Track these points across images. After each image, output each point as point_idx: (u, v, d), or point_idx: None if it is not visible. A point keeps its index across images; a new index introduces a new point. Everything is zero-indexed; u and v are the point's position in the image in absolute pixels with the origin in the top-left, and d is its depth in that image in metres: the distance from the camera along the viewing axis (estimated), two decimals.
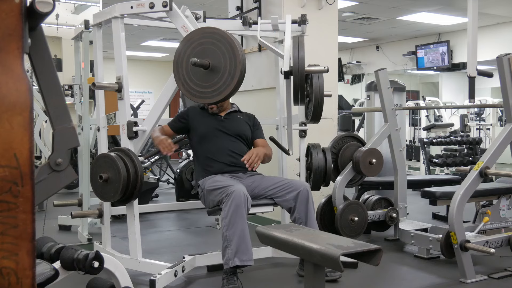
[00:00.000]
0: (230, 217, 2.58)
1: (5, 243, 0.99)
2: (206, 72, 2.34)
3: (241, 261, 2.59)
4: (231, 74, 2.28)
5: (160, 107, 2.74)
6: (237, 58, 2.27)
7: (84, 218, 3.82)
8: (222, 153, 2.98)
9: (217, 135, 3.01)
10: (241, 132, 3.08)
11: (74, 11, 8.21)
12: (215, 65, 2.31)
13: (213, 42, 2.33)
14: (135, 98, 12.76)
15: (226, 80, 2.30)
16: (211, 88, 2.34)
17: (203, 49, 2.34)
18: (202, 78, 2.36)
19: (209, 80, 2.34)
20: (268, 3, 4.43)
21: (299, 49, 2.50)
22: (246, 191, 2.67)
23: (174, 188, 5.73)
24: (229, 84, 2.29)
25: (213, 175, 2.92)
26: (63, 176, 1.27)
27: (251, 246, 2.65)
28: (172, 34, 10.09)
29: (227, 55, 2.29)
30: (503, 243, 3.06)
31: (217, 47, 2.31)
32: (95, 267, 1.71)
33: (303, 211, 2.81)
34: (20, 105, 1.00)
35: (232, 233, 2.58)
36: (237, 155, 2.99)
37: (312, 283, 1.75)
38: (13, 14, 1.00)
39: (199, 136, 3.04)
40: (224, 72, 2.30)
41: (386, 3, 7.97)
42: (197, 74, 2.36)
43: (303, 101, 2.64)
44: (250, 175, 3.01)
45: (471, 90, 5.01)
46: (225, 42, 2.31)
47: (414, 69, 11.29)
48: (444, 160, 6.10)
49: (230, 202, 2.59)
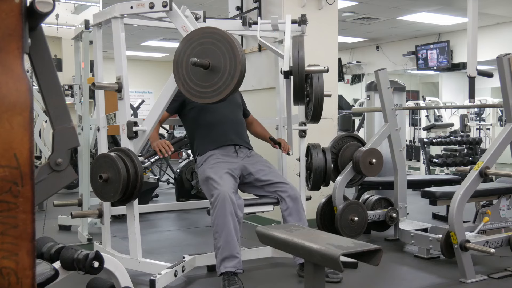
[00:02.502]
0: (216, 226, 2.66)
1: (5, 243, 0.99)
2: (206, 72, 2.34)
3: (225, 268, 2.64)
4: (231, 74, 2.28)
5: (160, 107, 2.73)
6: (237, 58, 2.27)
7: (84, 218, 3.82)
8: (226, 121, 3.06)
9: (218, 106, 2.99)
10: (238, 103, 3.24)
11: (74, 11, 8.21)
12: (215, 65, 2.31)
13: (213, 42, 2.32)
14: (135, 98, 12.76)
15: (226, 80, 2.30)
16: (211, 88, 2.34)
17: (203, 49, 2.34)
18: (202, 78, 2.36)
19: (209, 80, 2.34)
20: (268, 3, 4.43)
21: (299, 49, 2.50)
22: (232, 192, 2.70)
23: (174, 188, 5.73)
24: (229, 84, 2.29)
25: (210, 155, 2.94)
26: (63, 176, 1.27)
27: (239, 251, 2.69)
28: (172, 34, 10.10)
29: (227, 55, 2.29)
30: (503, 243, 3.06)
31: (217, 47, 2.31)
32: (95, 267, 1.71)
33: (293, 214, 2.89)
34: (20, 105, 1.00)
35: (218, 242, 2.66)
36: (240, 125, 3.14)
37: (312, 283, 1.75)
38: (13, 14, 1.00)
39: (199, 107, 3.04)
40: (224, 72, 2.30)
41: (386, 3, 7.97)
42: (197, 74, 2.36)
43: (303, 101, 2.65)
44: (249, 155, 3.05)
45: (471, 90, 5.01)
46: (225, 42, 2.31)
47: (414, 69, 11.29)
48: (444, 160, 6.10)
49: (216, 211, 2.64)
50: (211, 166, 2.87)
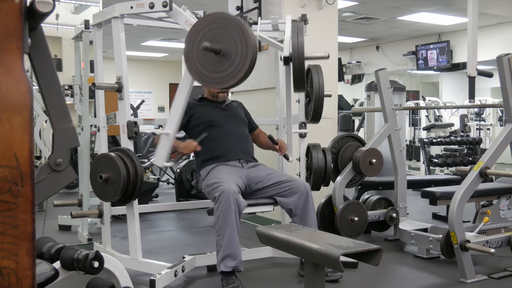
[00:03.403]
0: (219, 222, 2.63)
1: (5, 243, 0.99)
2: (218, 58, 2.27)
3: (226, 267, 2.63)
4: (243, 58, 2.23)
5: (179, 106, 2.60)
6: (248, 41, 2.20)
7: (84, 218, 3.82)
8: (232, 136, 3.04)
9: (224, 121, 3.07)
10: (243, 119, 3.22)
11: (74, 11, 8.21)
12: (226, 49, 2.26)
13: (222, 26, 2.27)
14: (135, 98, 12.77)
15: (238, 64, 2.24)
16: (224, 72, 2.28)
17: (213, 35, 2.27)
18: (214, 64, 2.28)
19: (221, 65, 2.28)
20: (268, 3, 4.43)
21: (298, 34, 2.47)
22: (237, 190, 2.68)
23: (174, 188, 5.73)
24: (241, 68, 2.23)
25: (215, 165, 2.93)
26: (63, 176, 1.27)
27: (240, 250, 2.68)
28: (172, 34, 10.10)
29: (237, 39, 2.23)
30: (503, 243, 3.06)
31: (227, 31, 2.25)
32: (95, 267, 1.71)
33: (302, 215, 2.84)
34: (20, 105, 1.00)
35: (221, 239, 2.64)
36: (245, 140, 3.11)
37: (312, 283, 1.75)
38: (13, 14, 1.00)
39: (205, 123, 3.05)
40: (236, 56, 2.24)
41: (386, 3, 7.97)
42: (209, 61, 2.29)
43: (303, 88, 2.61)
44: (254, 165, 3.04)
45: (471, 90, 5.01)
46: (235, 26, 2.25)
47: (414, 69, 11.29)
48: (444, 160, 6.09)
49: (220, 207, 2.61)
50: (215, 174, 2.86)
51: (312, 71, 3.13)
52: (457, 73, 11.77)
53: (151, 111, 14.66)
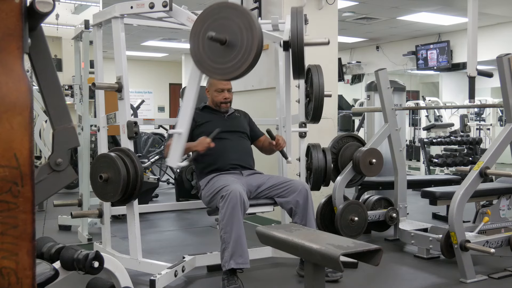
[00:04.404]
0: (226, 219, 2.62)
1: (5, 243, 0.99)
2: (223, 48, 2.25)
3: (237, 264, 2.63)
4: (248, 48, 2.20)
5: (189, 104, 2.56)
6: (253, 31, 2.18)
7: (84, 218, 3.82)
8: (232, 149, 3.02)
9: (225, 133, 3.04)
10: (245, 130, 3.18)
11: (74, 11, 8.20)
12: (232, 39, 2.24)
13: (227, 16, 2.24)
14: (135, 98, 12.76)
15: (244, 54, 2.22)
16: (230, 63, 2.26)
17: (218, 25, 2.25)
18: (220, 55, 2.26)
19: (226, 55, 2.26)
20: (268, 3, 4.43)
21: (298, 19, 2.46)
22: (243, 191, 2.69)
23: (174, 188, 5.73)
24: (246, 58, 2.21)
25: (215, 175, 2.93)
26: (63, 176, 1.27)
27: (247, 248, 2.68)
28: (172, 34, 10.10)
29: (243, 29, 2.20)
30: (503, 243, 3.06)
31: (232, 21, 2.22)
32: (95, 267, 1.71)
33: (302, 213, 2.84)
34: (20, 105, 1.00)
35: (229, 236, 2.63)
36: (245, 152, 3.08)
37: (312, 283, 1.75)
38: (13, 14, 1.00)
39: (206, 134, 3.03)
40: (242, 46, 2.22)
41: (386, 3, 7.97)
42: (214, 52, 2.26)
43: (303, 74, 2.58)
44: (252, 173, 3.04)
45: (471, 90, 5.00)
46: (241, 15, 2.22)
47: (414, 69, 11.28)
48: (444, 160, 6.09)
49: (226, 204, 2.61)
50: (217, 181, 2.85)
51: (312, 71, 3.13)
52: (457, 73, 11.77)
53: (151, 111, 14.67)
